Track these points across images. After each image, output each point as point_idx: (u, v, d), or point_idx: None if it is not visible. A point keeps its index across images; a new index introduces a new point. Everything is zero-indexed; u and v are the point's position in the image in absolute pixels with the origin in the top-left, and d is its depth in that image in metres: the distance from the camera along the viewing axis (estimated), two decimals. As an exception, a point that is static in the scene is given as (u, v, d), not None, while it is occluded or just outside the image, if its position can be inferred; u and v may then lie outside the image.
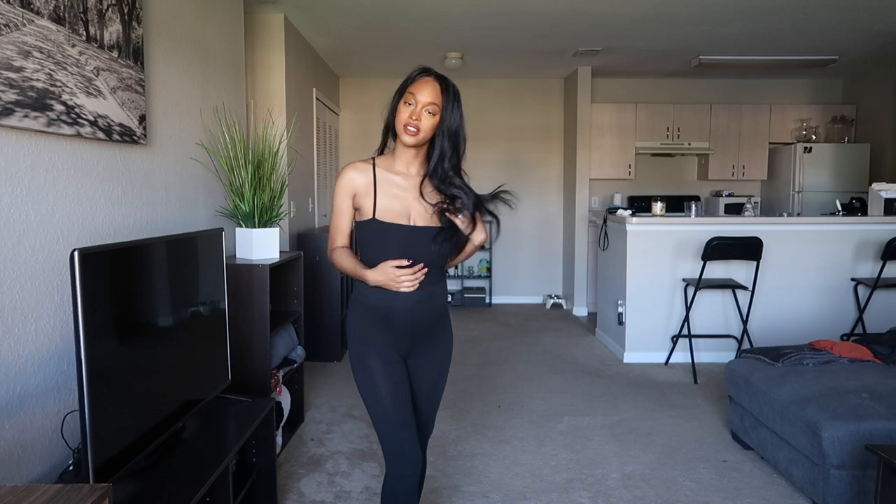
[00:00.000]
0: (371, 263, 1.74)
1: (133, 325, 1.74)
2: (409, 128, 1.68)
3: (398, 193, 1.76)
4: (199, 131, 2.86)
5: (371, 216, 1.74)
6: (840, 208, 5.32)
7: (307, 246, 4.54)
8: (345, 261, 1.81)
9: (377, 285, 1.73)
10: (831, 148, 6.35)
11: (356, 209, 1.80)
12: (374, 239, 1.75)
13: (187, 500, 1.62)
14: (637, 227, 4.54)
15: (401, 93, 1.73)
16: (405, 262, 1.71)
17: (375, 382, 1.77)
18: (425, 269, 1.72)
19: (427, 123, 1.69)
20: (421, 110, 1.68)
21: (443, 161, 1.73)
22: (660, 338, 4.61)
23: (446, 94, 1.71)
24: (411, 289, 1.72)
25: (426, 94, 1.68)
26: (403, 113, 1.69)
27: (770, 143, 6.71)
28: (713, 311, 4.56)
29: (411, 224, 1.74)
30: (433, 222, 1.76)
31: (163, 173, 2.50)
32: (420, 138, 1.69)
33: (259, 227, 2.85)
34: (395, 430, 1.76)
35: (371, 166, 1.79)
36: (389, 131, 1.79)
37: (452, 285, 6.89)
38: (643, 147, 6.67)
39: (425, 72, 1.73)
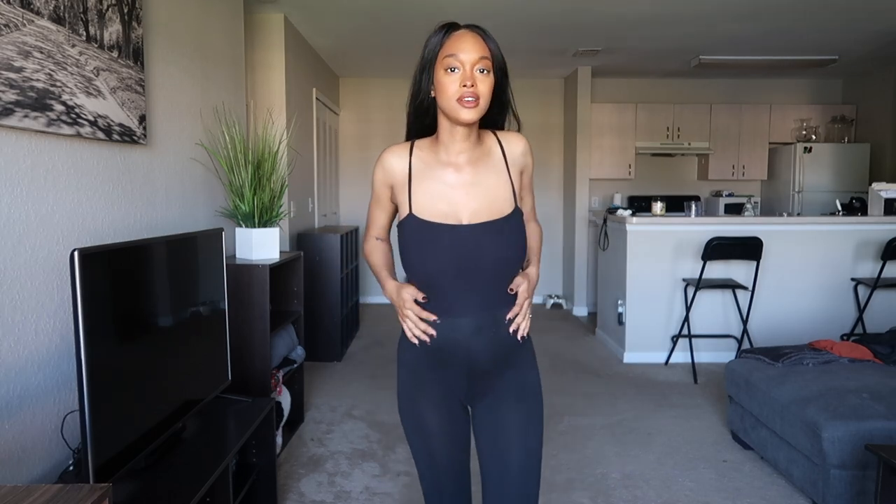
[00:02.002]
0: (413, 270, 1.41)
1: (133, 325, 1.74)
2: (466, 99, 1.30)
3: (445, 192, 1.39)
4: (199, 131, 2.86)
5: (408, 211, 1.40)
6: (840, 208, 5.32)
7: (307, 246, 4.54)
8: (372, 256, 1.55)
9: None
10: (831, 148, 6.35)
11: (395, 205, 1.48)
12: (414, 241, 1.39)
13: (187, 500, 1.62)
14: (637, 227, 4.54)
15: (430, 61, 1.36)
16: (420, 296, 1.38)
17: (426, 439, 1.47)
18: (432, 320, 1.38)
19: (485, 87, 1.33)
20: (472, 72, 1.32)
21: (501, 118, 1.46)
22: (660, 338, 4.61)
23: (490, 41, 1.36)
24: (412, 339, 1.41)
25: (471, 50, 1.32)
26: (449, 83, 1.31)
27: (770, 143, 6.71)
28: (713, 311, 4.56)
29: (464, 223, 1.37)
30: (494, 214, 1.38)
31: (163, 173, 2.50)
32: (482, 108, 1.34)
33: (259, 227, 2.85)
34: (443, 500, 1.51)
35: (408, 152, 1.44)
36: (419, 117, 1.44)
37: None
38: (643, 147, 6.67)
39: (453, 26, 1.37)
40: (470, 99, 1.30)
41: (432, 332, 1.38)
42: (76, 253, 1.43)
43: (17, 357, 1.63)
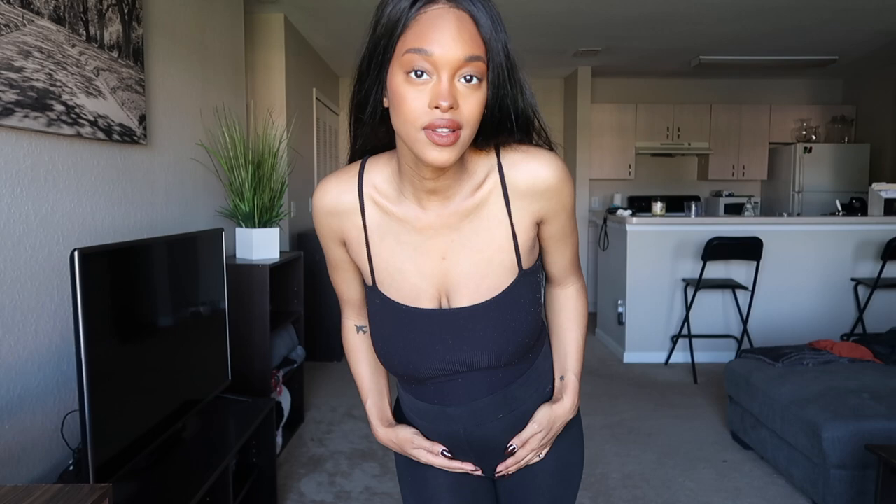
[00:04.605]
0: (384, 356, 1.01)
1: (133, 325, 1.74)
2: (437, 131, 0.79)
3: (414, 259, 0.94)
4: (199, 131, 2.86)
5: (371, 282, 0.99)
6: (840, 208, 5.33)
7: (307, 246, 4.54)
8: (357, 366, 1.12)
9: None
10: (831, 148, 6.35)
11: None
12: (382, 320, 0.99)
13: (187, 500, 1.62)
14: (637, 227, 4.54)
15: (381, 50, 0.83)
16: (438, 450, 1.03)
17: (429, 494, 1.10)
18: (439, 451, 1.02)
19: (472, 107, 0.80)
20: (452, 81, 0.79)
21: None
22: (660, 338, 4.61)
23: (485, 23, 0.81)
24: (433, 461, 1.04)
25: (453, 44, 0.78)
26: (411, 98, 0.79)
27: (770, 143, 6.71)
28: (713, 311, 4.56)
29: (445, 307, 0.95)
30: (485, 290, 0.94)
31: (163, 173, 2.50)
32: (464, 143, 0.82)
33: (259, 227, 2.85)
34: None
35: (356, 186, 0.95)
36: (368, 126, 0.91)
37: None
38: (643, 147, 6.67)
39: None
40: (444, 131, 0.78)
41: (456, 465, 1.04)
42: (76, 253, 1.43)
43: (17, 357, 1.63)
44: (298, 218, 4.77)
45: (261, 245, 2.86)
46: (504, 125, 0.88)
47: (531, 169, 0.91)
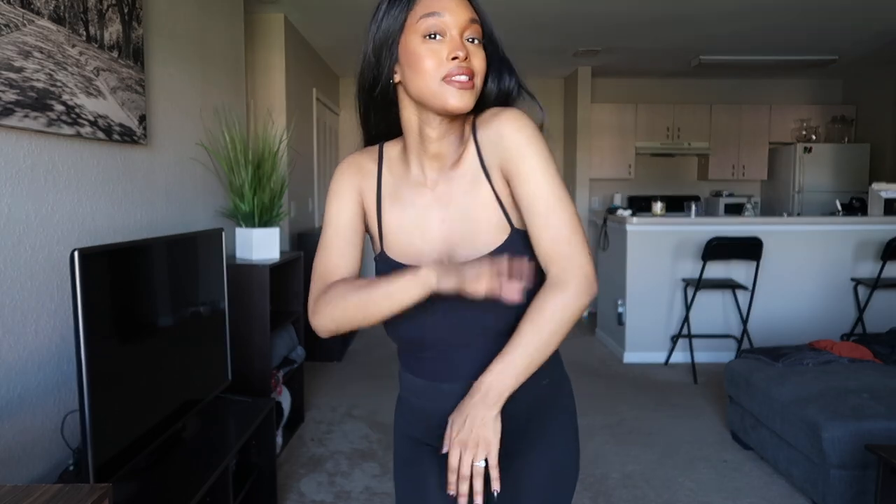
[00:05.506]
0: (389, 320, 0.99)
1: (133, 325, 1.74)
2: (457, 78, 0.90)
3: (419, 223, 1.02)
4: (199, 131, 2.86)
5: (379, 248, 1.06)
6: (840, 208, 5.33)
7: (307, 246, 4.54)
8: (343, 288, 1.01)
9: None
10: (831, 148, 6.35)
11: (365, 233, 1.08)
12: None
13: (187, 500, 1.62)
14: (637, 228, 4.54)
15: (394, 30, 0.95)
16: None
17: (421, 494, 1.11)
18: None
19: (480, 62, 0.94)
20: (462, 39, 0.92)
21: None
22: (660, 338, 4.61)
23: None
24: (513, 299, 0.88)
25: (458, 9, 0.92)
26: (429, 55, 0.91)
27: (770, 143, 6.71)
28: (713, 311, 4.56)
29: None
30: (478, 247, 0.98)
31: (163, 173, 2.50)
32: (478, 90, 0.94)
33: (259, 227, 2.85)
34: None
35: (377, 158, 1.06)
36: (381, 112, 1.03)
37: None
38: (643, 147, 6.67)
39: None
40: (463, 77, 0.90)
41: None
42: (76, 253, 1.43)
43: (17, 357, 1.63)
44: (298, 218, 4.77)
45: (261, 245, 2.86)
46: (492, 92, 1.00)
47: (494, 121, 0.98)
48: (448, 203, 1.00)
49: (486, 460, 0.94)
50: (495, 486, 0.95)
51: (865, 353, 3.10)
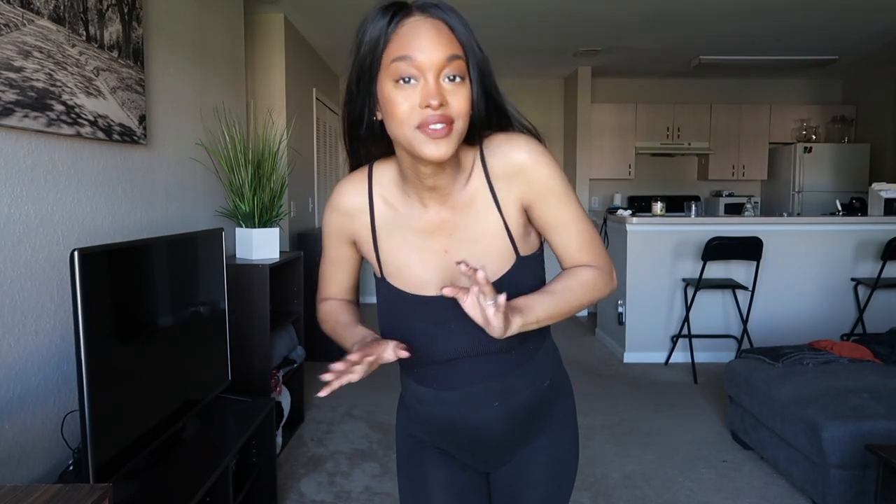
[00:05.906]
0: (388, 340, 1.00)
1: (133, 325, 1.74)
2: (431, 127, 0.86)
3: (418, 251, 1.01)
4: (199, 131, 2.86)
5: (379, 275, 1.07)
6: (840, 208, 5.32)
7: (307, 246, 4.54)
8: (336, 315, 1.16)
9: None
10: (831, 148, 6.35)
11: (360, 258, 1.14)
12: (389, 309, 1.07)
13: (187, 500, 1.62)
14: (637, 228, 4.54)
15: (368, 66, 0.90)
16: (405, 353, 0.96)
17: (425, 495, 1.14)
18: (351, 375, 0.90)
19: (460, 101, 0.88)
20: (438, 81, 0.86)
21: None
22: (660, 338, 4.61)
23: (458, 26, 0.91)
24: (330, 384, 0.90)
25: (434, 48, 0.86)
26: (400, 102, 0.87)
27: (770, 143, 6.71)
28: (713, 311, 4.56)
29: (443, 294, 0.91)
30: (495, 271, 0.99)
31: (163, 173, 2.50)
32: (459, 134, 0.89)
33: (259, 227, 2.85)
34: None
35: (366, 187, 1.04)
36: (367, 145, 1.01)
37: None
38: (643, 147, 6.67)
39: (400, 8, 0.89)
40: (438, 126, 0.85)
41: (348, 372, 0.90)
42: (76, 253, 1.43)
43: (17, 357, 1.63)
44: (298, 218, 4.77)
45: (261, 245, 2.86)
46: (492, 119, 0.97)
47: (505, 152, 0.97)
48: (452, 232, 1.00)
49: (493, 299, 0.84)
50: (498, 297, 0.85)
51: (865, 353, 3.09)
